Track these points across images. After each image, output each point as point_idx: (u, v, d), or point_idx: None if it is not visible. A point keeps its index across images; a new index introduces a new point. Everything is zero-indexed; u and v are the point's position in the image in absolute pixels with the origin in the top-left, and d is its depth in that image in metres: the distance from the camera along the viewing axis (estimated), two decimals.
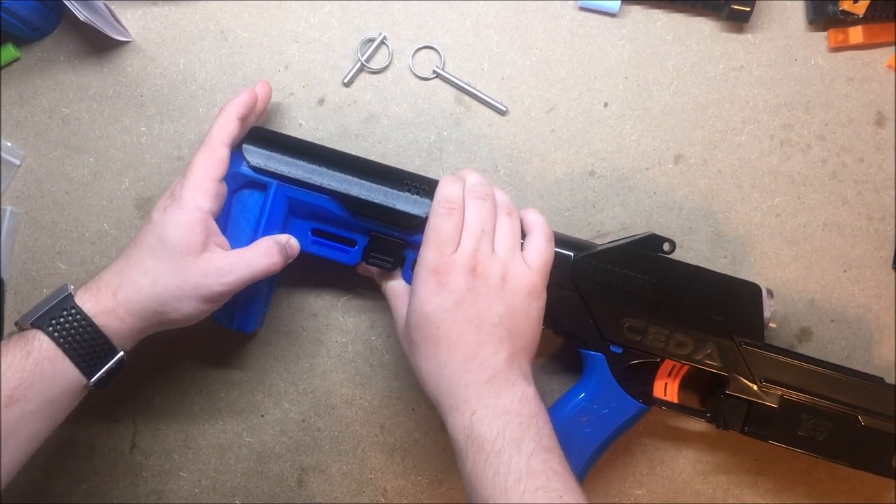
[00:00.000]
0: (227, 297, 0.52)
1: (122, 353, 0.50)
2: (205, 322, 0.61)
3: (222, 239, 0.53)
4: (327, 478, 0.61)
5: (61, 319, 0.48)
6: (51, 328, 0.47)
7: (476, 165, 0.62)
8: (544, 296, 0.52)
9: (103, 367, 0.49)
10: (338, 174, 0.55)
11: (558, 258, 0.55)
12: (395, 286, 0.56)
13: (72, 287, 0.50)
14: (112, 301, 0.49)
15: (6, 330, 0.61)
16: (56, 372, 0.47)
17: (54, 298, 0.49)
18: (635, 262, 0.55)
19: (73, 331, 0.48)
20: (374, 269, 0.57)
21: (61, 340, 0.47)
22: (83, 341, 0.48)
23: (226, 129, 0.53)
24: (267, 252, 0.53)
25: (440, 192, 0.53)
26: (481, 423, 0.47)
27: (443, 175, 0.61)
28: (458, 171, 0.56)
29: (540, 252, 0.52)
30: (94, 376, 0.49)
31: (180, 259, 0.50)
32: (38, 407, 0.47)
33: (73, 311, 0.48)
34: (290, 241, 0.55)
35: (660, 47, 0.63)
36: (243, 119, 0.55)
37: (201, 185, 0.51)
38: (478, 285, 0.50)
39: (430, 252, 0.51)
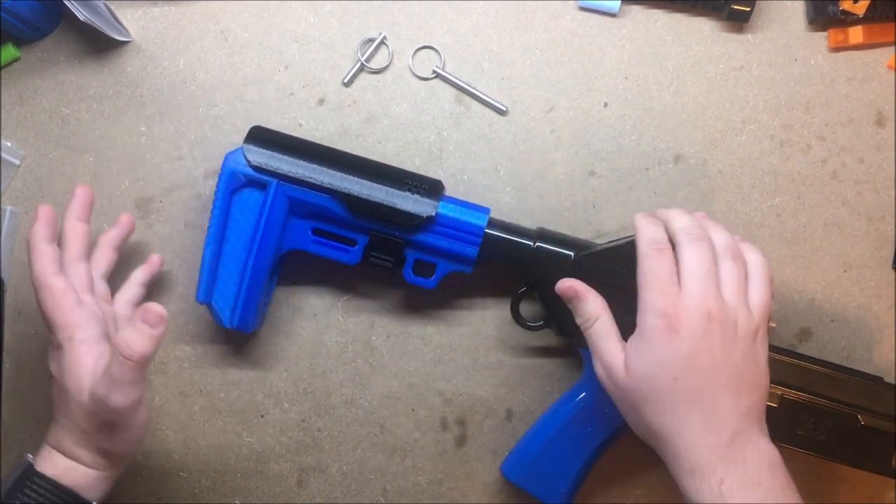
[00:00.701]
0: (136, 401, 0.49)
1: None
2: (204, 322, 0.61)
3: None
4: (327, 478, 0.61)
5: (27, 491, 0.47)
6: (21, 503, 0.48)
7: (476, 165, 0.62)
8: (767, 341, 0.49)
9: None
10: (338, 173, 0.55)
11: (559, 258, 0.56)
12: (607, 328, 0.51)
13: (30, 456, 0.50)
14: (66, 461, 0.50)
15: (5, 330, 0.61)
16: None
17: (15, 473, 0.49)
18: (635, 262, 0.55)
19: (44, 499, 0.48)
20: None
21: None
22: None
23: (43, 258, 0.51)
24: (121, 358, 0.46)
25: (643, 234, 0.50)
26: (734, 496, 0.43)
27: (442, 175, 0.62)
28: (660, 211, 0.53)
29: (762, 296, 0.49)
30: None
31: (76, 400, 0.49)
32: None
33: (37, 479, 0.48)
34: (149, 314, 0.47)
35: (660, 47, 0.63)
36: (54, 238, 0.53)
37: (66, 325, 0.50)
38: (712, 331, 0.46)
39: (654, 295, 0.47)
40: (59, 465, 0.49)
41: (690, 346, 0.46)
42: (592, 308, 0.52)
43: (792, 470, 0.48)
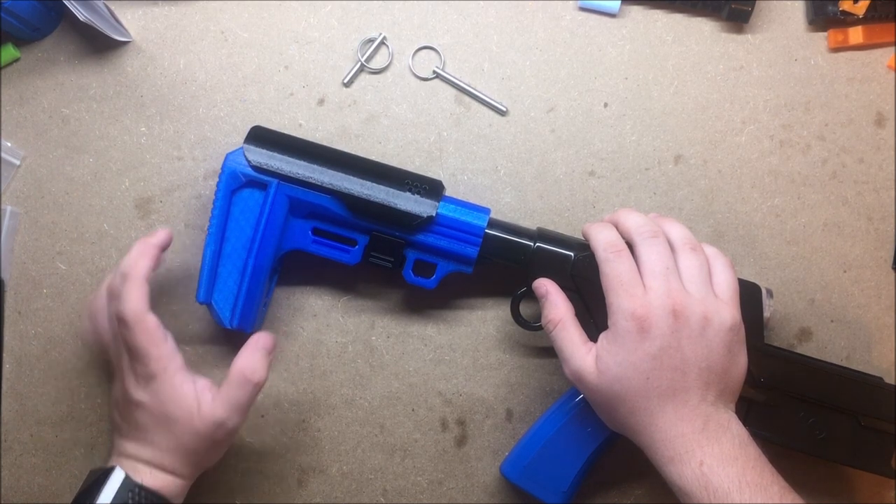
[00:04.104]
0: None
1: None
2: (204, 322, 0.61)
3: (202, 381, 0.52)
4: (327, 478, 0.61)
5: (130, 502, 0.49)
6: None
7: (476, 166, 0.62)
8: (743, 328, 0.50)
9: None
10: (338, 173, 0.55)
11: (559, 258, 0.56)
12: (570, 333, 0.52)
13: (117, 468, 0.50)
14: (165, 476, 0.51)
15: (5, 330, 0.61)
16: None
17: (112, 484, 0.49)
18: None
19: None
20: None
21: None
22: None
23: (142, 295, 0.51)
24: (248, 380, 0.51)
25: (598, 239, 0.51)
26: (715, 473, 0.45)
27: (442, 175, 0.62)
28: (609, 216, 0.54)
29: (728, 281, 0.50)
30: None
31: (188, 425, 0.50)
32: None
33: (137, 490, 0.49)
34: (262, 340, 0.53)
35: (660, 47, 0.63)
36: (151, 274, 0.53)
37: (161, 357, 0.50)
38: (680, 327, 0.48)
39: (621, 298, 0.49)
40: (159, 478, 0.50)
41: (660, 346, 0.48)
42: (554, 312, 0.53)
43: (792, 470, 0.48)
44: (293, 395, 0.61)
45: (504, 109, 0.63)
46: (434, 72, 0.63)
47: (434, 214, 0.55)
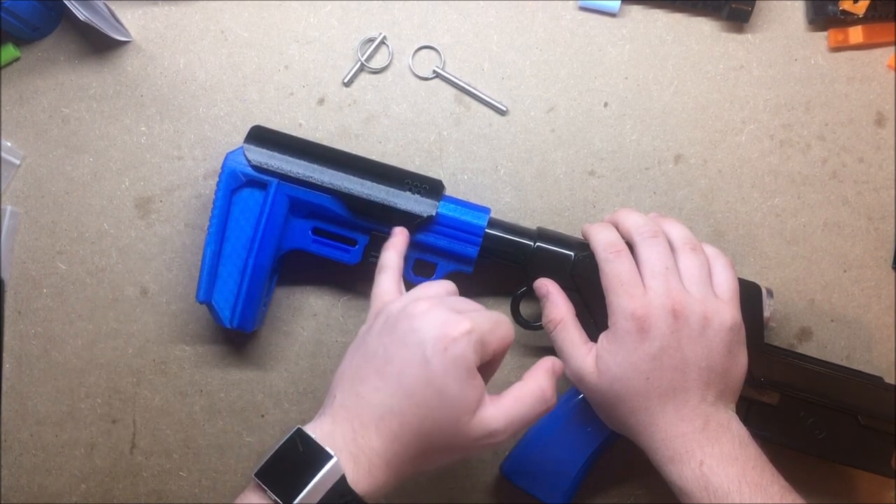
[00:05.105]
0: None
1: None
2: (204, 322, 0.61)
3: (480, 380, 0.44)
4: None
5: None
6: None
7: (476, 165, 0.62)
8: (743, 328, 0.50)
9: None
10: (338, 173, 0.55)
11: (559, 258, 0.56)
12: (570, 334, 0.52)
13: (335, 459, 0.41)
14: (385, 474, 0.42)
15: (5, 329, 0.61)
16: None
17: (327, 480, 0.40)
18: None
19: None
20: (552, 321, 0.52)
21: None
22: None
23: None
24: (542, 398, 0.45)
25: (598, 240, 0.52)
26: (715, 473, 0.45)
27: (443, 175, 0.62)
28: (609, 216, 0.55)
29: (728, 281, 0.51)
30: None
31: (456, 421, 0.42)
32: None
33: (350, 499, 0.40)
34: (556, 365, 0.47)
35: (660, 47, 0.63)
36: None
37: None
38: (680, 327, 0.48)
39: (621, 299, 0.49)
40: (378, 480, 0.42)
41: (660, 346, 0.48)
42: (555, 312, 0.53)
43: (792, 470, 0.48)
44: (293, 395, 0.61)
45: (504, 109, 0.63)
46: (434, 71, 0.63)
47: (434, 214, 0.55)
